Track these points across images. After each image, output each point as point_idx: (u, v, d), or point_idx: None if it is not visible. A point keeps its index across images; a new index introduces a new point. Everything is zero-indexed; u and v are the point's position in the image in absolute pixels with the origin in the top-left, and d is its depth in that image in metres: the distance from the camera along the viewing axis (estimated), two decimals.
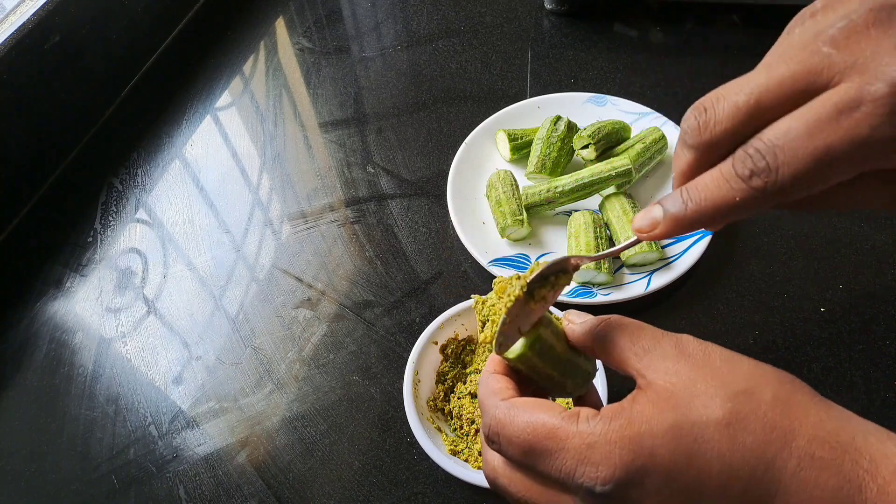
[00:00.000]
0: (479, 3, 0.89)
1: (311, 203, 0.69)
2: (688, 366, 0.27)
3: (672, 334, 0.29)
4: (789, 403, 0.25)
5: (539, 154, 0.64)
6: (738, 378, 0.26)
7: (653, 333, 0.29)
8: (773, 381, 0.26)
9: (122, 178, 0.73)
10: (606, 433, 0.26)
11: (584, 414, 0.27)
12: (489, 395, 0.31)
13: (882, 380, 0.51)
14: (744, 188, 0.25)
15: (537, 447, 0.27)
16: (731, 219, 0.27)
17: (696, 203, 0.27)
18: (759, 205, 0.26)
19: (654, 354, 0.28)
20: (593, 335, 0.31)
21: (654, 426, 0.25)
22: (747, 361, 0.27)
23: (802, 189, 0.24)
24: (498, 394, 0.30)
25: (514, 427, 0.28)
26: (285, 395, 0.55)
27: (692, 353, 0.27)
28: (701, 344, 0.28)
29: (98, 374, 0.58)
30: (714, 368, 0.27)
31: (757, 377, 0.26)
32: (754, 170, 0.25)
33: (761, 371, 0.26)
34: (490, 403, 0.30)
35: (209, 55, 0.86)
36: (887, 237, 0.60)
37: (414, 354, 0.50)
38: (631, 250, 0.56)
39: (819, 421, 0.25)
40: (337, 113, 0.78)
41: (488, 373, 0.33)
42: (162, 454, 0.52)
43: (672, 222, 0.28)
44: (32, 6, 0.67)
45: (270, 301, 0.61)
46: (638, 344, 0.29)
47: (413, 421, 0.47)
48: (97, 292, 0.64)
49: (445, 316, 0.51)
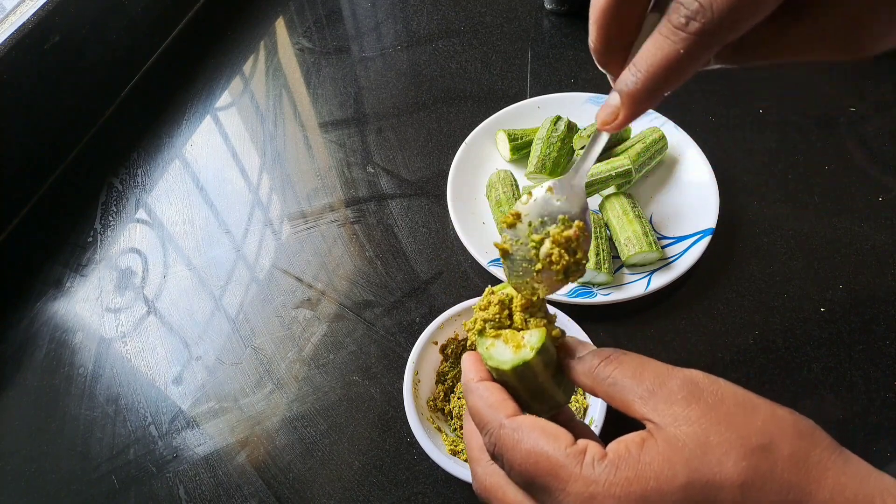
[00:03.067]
0: (479, 3, 0.89)
1: (311, 203, 0.69)
2: (699, 411, 0.25)
3: (678, 370, 0.27)
4: (807, 462, 0.24)
5: (539, 154, 0.64)
6: (754, 430, 0.24)
7: (656, 371, 0.27)
8: (790, 434, 0.24)
9: (122, 178, 0.73)
10: (610, 485, 0.24)
11: (591, 455, 0.26)
12: (487, 409, 0.29)
13: (882, 380, 0.51)
14: (684, 37, 0.25)
15: (538, 481, 0.26)
16: (684, 77, 0.27)
17: (646, 71, 0.26)
18: (704, 50, 0.25)
19: (661, 397, 0.26)
20: (593, 376, 0.29)
21: (662, 484, 0.24)
22: (763, 407, 0.25)
23: (740, 22, 0.25)
24: (499, 409, 0.29)
25: (516, 453, 0.27)
26: (285, 395, 0.55)
27: (703, 396, 0.26)
28: (712, 382, 0.26)
29: (98, 374, 0.58)
30: (728, 415, 0.25)
31: (774, 429, 0.24)
32: (689, 15, 0.25)
33: (778, 420, 0.25)
34: (492, 420, 0.29)
35: (209, 55, 0.86)
36: (887, 237, 0.60)
37: (414, 354, 0.50)
38: (631, 250, 0.56)
39: (837, 483, 0.23)
40: (337, 113, 0.78)
41: (476, 381, 0.31)
42: (162, 454, 0.52)
43: (630, 100, 0.27)
44: (32, 6, 0.67)
45: (270, 301, 0.61)
46: (642, 385, 0.27)
47: (413, 421, 0.47)
48: (97, 292, 0.64)
49: (445, 316, 0.51)
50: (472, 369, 0.32)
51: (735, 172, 0.66)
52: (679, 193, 0.63)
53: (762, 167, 0.66)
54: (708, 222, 0.59)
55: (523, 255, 0.31)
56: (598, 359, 0.29)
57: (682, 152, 0.65)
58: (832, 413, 0.50)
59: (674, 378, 0.26)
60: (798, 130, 0.69)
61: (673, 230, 0.61)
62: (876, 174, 0.65)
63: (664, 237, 0.60)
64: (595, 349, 0.30)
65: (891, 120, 0.70)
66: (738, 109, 0.72)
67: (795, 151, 0.68)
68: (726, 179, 0.64)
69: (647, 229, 0.58)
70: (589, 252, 0.32)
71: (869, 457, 0.25)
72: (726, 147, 0.68)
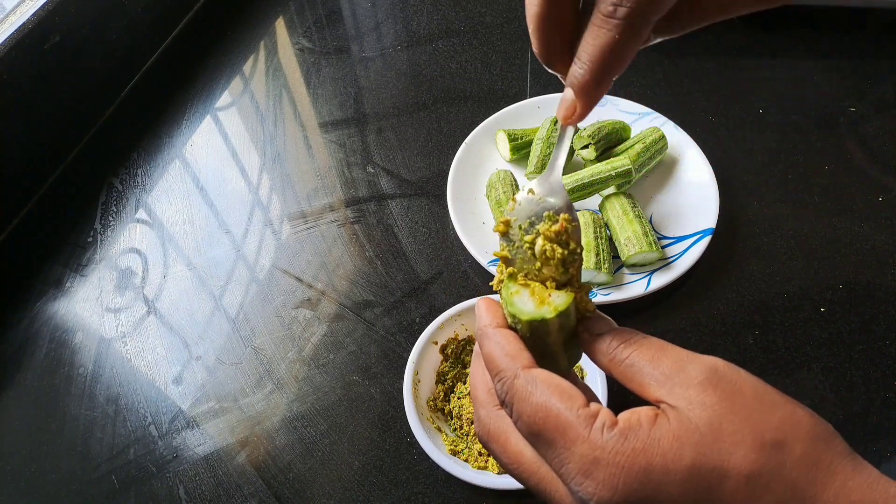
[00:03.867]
0: (479, 3, 0.89)
1: (311, 203, 0.69)
2: (715, 398, 0.25)
3: (699, 357, 0.27)
4: (818, 465, 0.24)
5: (539, 154, 0.64)
6: (770, 426, 0.24)
7: (676, 356, 0.27)
8: (805, 434, 0.24)
9: (122, 178, 0.73)
10: (616, 454, 0.24)
11: (602, 420, 0.26)
12: (504, 357, 0.29)
13: (882, 380, 0.51)
14: (616, 23, 0.27)
15: (545, 435, 0.26)
16: (627, 59, 0.29)
17: (590, 62, 0.29)
18: (636, 32, 0.28)
19: (678, 380, 0.26)
20: (610, 356, 0.29)
21: (668, 461, 0.24)
22: (782, 404, 0.25)
23: (662, 1, 0.27)
24: (516, 359, 0.29)
25: (527, 405, 0.27)
26: (285, 395, 0.55)
27: (721, 383, 0.25)
28: (733, 371, 0.26)
29: (98, 374, 0.58)
30: (745, 407, 0.25)
31: (790, 428, 0.24)
32: (615, 2, 0.27)
33: (796, 420, 0.24)
34: (508, 368, 0.29)
35: (209, 55, 0.86)
36: (887, 237, 0.60)
37: (414, 354, 0.50)
38: (631, 250, 0.56)
39: (843, 487, 0.23)
40: (337, 113, 0.78)
41: (493, 327, 0.31)
42: (162, 454, 0.52)
43: (582, 92, 0.30)
44: (32, 6, 0.67)
45: (270, 301, 0.61)
46: (659, 369, 0.27)
47: (413, 421, 0.47)
48: (97, 292, 0.64)
49: (445, 316, 0.51)
50: (488, 314, 0.32)
51: (735, 172, 0.66)
52: (679, 193, 0.63)
53: (762, 167, 0.66)
54: (708, 222, 0.59)
55: (522, 257, 0.32)
56: (617, 340, 0.29)
57: (682, 152, 0.65)
58: (832, 413, 0.50)
59: (694, 363, 0.26)
60: (798, 130, 0.69)
61: (673, 230, 0.61)
62: (876, 174, 0.65)
63: (664, 237, 0.60)
64: (615, 329, 0.30)
65: (891, 120, 0.70)
66: (738, 109, 0.72)
67: (795, 151, 0.68)
68: (726, 179, 0.64)
69: (647, 229, 0.58)
70: (583, 242, 0.33)
71: (869, 456, 0.25)
72: (726, 147, 0.68)
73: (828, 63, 0.76)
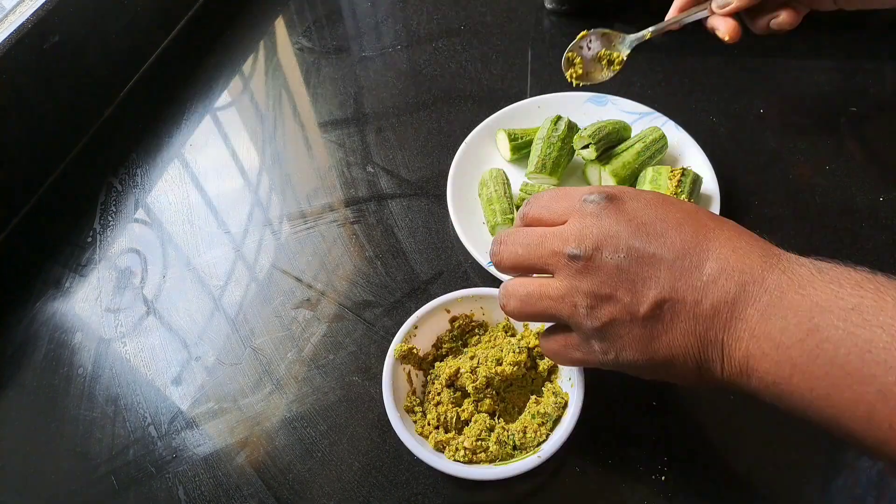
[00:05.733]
0: (479, 3, 0.89)
1: (310, 203, 0.69)
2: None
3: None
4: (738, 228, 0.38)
5: (539, 154, 0.64)
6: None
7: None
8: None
9: (122, 178, 0.73)
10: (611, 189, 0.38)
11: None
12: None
13: None
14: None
15: (559, 192, 0.39)
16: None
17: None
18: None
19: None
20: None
21: (631, 192, 0.38)
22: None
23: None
24: None
25: (543, 196, 0.40)
26: (285, 395, 0.55)
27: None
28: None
29: (97, 374, 0.58)
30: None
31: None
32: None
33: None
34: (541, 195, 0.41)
35: (209, 55, 0.86)
36: (887, 237, 0.59)
37: (421, 311, 0.50)
38: None
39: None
40: (337, 113, 0.78)
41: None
42: (161, 455, 0.52)
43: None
44: (32, 6, 0.67)
45: (270, 301, 0.61)
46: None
47: (387, 376, 0.48)
48: (96, 292, 0.63)
49: (468, 292, 0.51)
50: None
51: (736, 172, 0.66)
52: None
53: (763, 167, 0.66)
54: None
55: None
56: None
57: (682, 152, 0.65)
58: None
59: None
60: (799, 130, 0.69)
61: None
62: (876, 174, 0.65)
63: None
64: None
65: (891, 120, 0.69)
66: (739, 109, 0.72)
67: (796, 151, 0.67)
68: (726, 179, 0.64)
69: None
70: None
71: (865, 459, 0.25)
72: (727, 147, 0.68)
73: (828, 63, 0.76)
